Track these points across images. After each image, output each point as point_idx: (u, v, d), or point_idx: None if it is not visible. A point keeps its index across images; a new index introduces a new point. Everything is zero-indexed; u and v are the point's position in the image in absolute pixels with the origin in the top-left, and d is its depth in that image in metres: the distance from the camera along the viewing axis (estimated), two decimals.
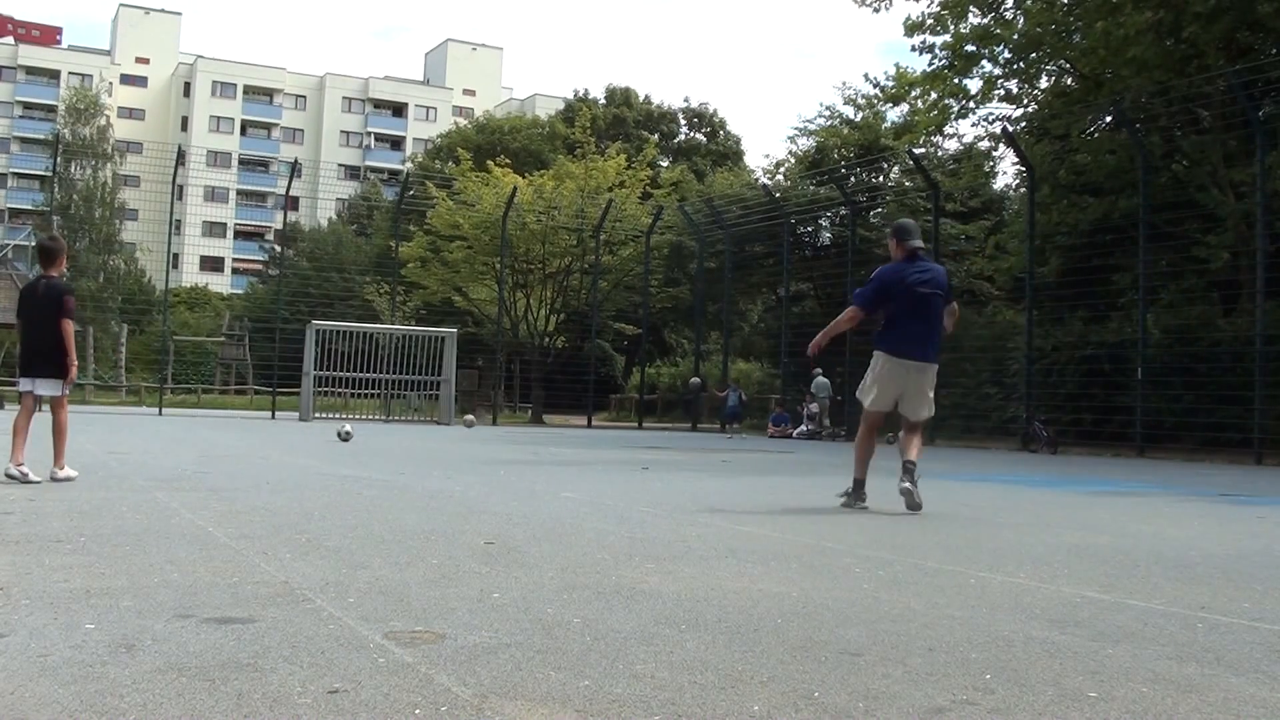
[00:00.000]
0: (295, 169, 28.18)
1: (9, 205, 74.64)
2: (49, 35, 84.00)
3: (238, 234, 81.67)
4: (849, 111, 32.41)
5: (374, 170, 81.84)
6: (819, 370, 24.79)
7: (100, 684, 2.12)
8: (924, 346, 6.59)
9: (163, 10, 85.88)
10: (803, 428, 24.96)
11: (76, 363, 6.92)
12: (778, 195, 28.98)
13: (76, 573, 3.37)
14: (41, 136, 67.76)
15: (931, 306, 6.60)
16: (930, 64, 23.50)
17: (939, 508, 7.17)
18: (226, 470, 8.26)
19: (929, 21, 23.11)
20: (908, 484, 6.34)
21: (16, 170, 75.44)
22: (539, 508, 6.09)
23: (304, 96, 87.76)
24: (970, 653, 2.64)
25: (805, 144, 33.35)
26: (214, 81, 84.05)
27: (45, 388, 6.76)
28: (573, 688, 2.21)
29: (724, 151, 53.41)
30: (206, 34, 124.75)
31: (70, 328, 6.73)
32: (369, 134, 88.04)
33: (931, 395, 6.73)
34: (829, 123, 32.73)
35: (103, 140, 50.73)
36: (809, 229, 31.39)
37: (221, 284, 66.19)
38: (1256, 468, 15.38)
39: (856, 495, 6.62)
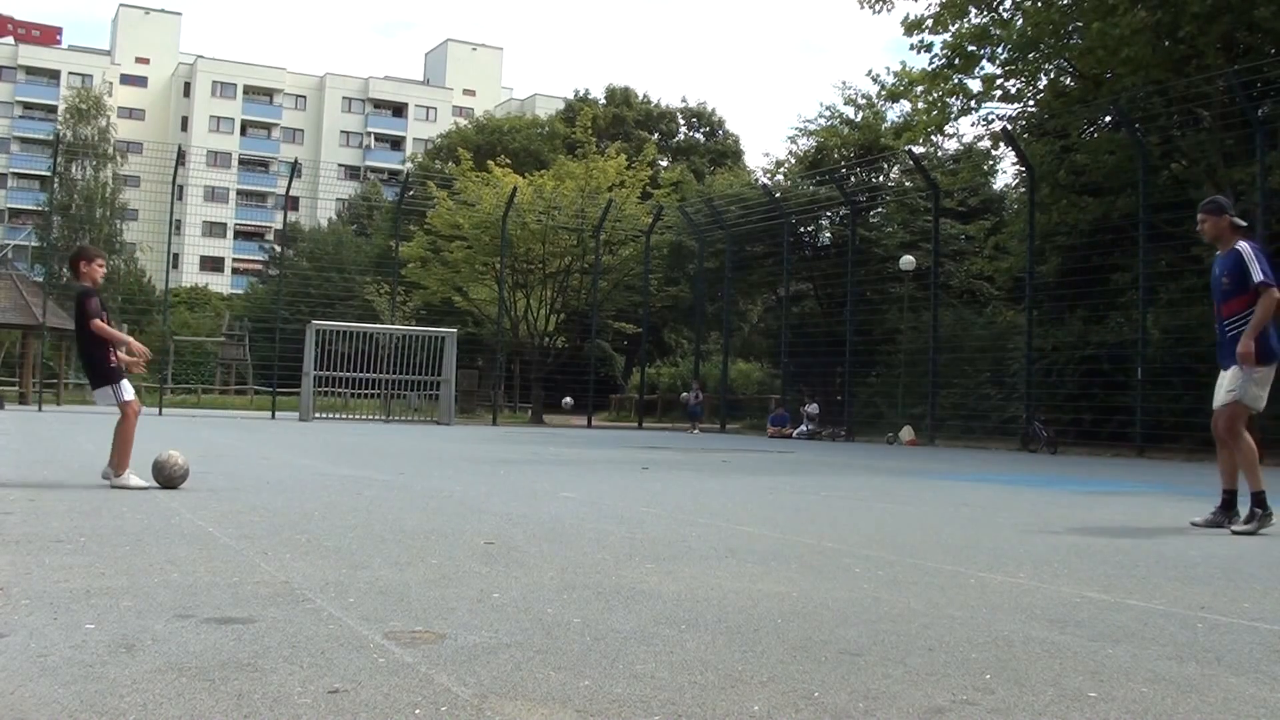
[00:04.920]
0: (295, 169, 28.16)
1: (9, 205, 74.67)
2: (49, 35, 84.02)
3: (238, 234, 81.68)
4: (849, 111, 32.43)
5: (374, 170, 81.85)
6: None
7: (100, 684, 2.12)
8: None
9: (163, 10, 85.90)
10: (802, 428, 24.96)
11: (121, 342, 6.52)
12: (778, 195, 28.96)
13: (76, 573, 3.37)
14: (41, 136, 67.81)
15: None
16: (930, 63, 23.51)
17: (939, 508, 7.17)
18: (226, 470, 8.25)
19: (928, 21, 23.11)
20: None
21: (16, 170, 75.47)
22: (539, 508, 6.09)
23: (304, 96, 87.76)
24: (970, 653, 2.64)
25: (805, 144, 33.34)
26: (214, 81, 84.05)
27: (100, 398, 6.56)
28: (573, 688, 2.21)
29: (723, 150, 53.43)
30: (206, 34, 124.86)
31: (99, 326, 6.40)
32: (369, 134, 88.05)
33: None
34: (829, 123, 32.71)
35: (103, 141, 50.78)
36: (809, 229, 31.38)
37: (221, 284, 66.14)
38: None
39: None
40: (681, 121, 55.75)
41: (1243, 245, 5.97)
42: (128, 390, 6.51)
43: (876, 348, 26.09)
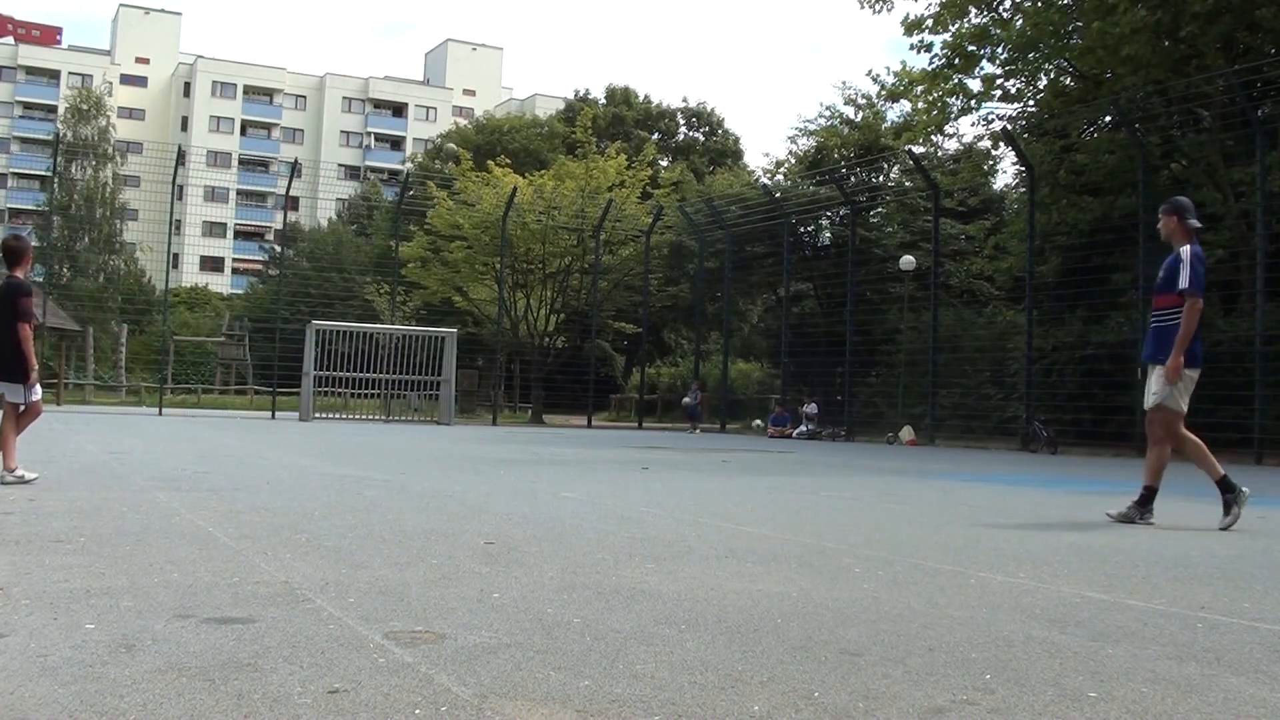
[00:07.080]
0: (295, 169, 28.15)
1: (9, 205, 74.67)
2: (49, 35, 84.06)
3: (238, 234, 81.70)
4: (849, 111, 32.44)
5: (374, 170, 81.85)
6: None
7: (100, 684, 2.12)
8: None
9: (163, 10, 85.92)
10: (802, 428, 24.95)
11: (35, 367, 6.65)
12: (778, 195, 28.95)
13: (76, 573, 3.37)
14: (41, 136, 67.87)
15: None
16: (930, 63, 23.52)
17: (939, 508, 7.17)
18: (226, 470, 8.25)
19: (928, 21, 23.12)
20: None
21: (16, 170, 75.49)
22: (539, 508, 6.09)
23: (304, 96, 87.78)
24: (970, 653, 2.64)
25: (805, 144, 33.36)
26: (214, 81, 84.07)
27: (8, 392, 6.64)
28: (573, 688, 2.21)
29: (722, 150, 53.42)
30: (206, 34, 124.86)
31: (26, 331, 6.55)
32: (369, 134, 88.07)
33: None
34: (829, 123, 32.73)
35: (103, 141, 50.75)
36: (809, 229, 31.37)
37: (221, 284, 66.14)
38: (1256, 467, 15.37)
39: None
40: (681, 121, 55.74)
41: (1185, 250, 6.15)
42: (38, 391, 6.75)
43: (876, 348, 26.09)
